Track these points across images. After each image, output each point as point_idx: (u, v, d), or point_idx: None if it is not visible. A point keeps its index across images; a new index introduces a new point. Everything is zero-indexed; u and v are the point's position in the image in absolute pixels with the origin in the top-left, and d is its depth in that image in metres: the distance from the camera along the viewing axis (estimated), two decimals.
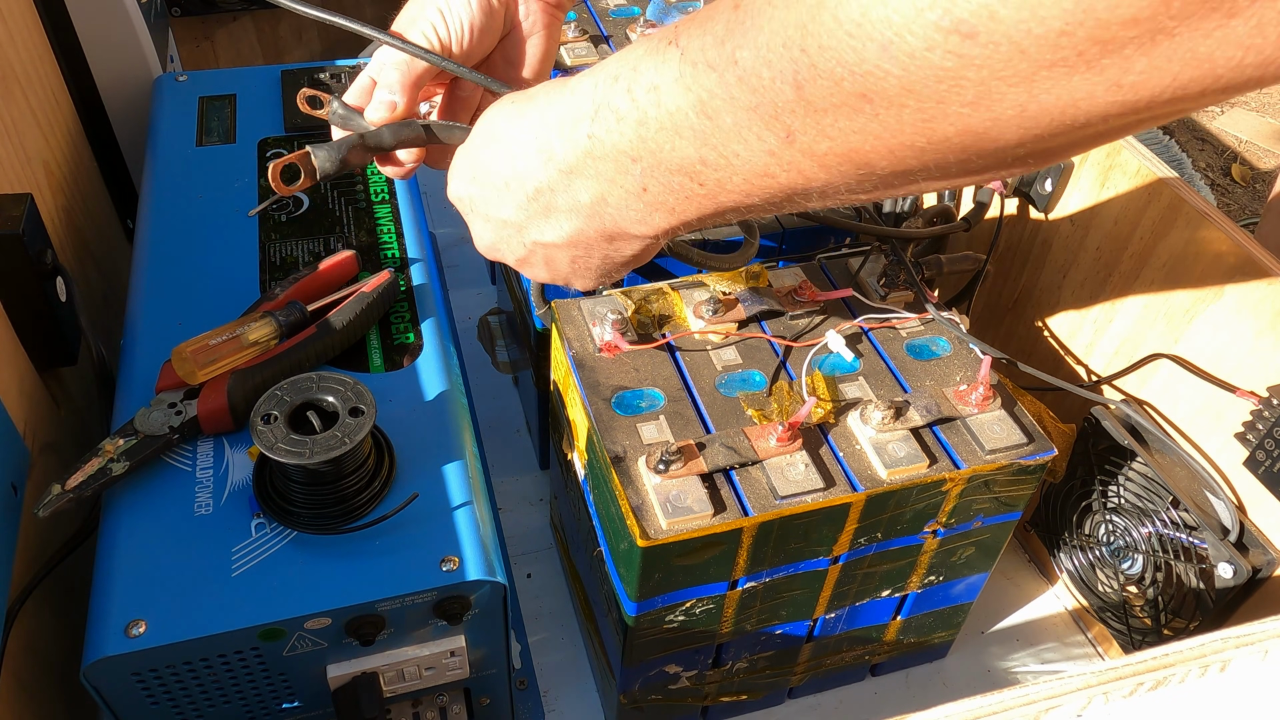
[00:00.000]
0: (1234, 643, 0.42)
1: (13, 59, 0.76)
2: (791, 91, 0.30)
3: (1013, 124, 0.27)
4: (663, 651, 0.66)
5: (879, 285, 0.73)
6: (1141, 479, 0.73)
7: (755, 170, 0.34)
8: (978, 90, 0.26)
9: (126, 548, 0.55)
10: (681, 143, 0.35)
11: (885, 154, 0.30)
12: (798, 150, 0.32)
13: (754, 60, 0.31)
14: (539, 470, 0.94)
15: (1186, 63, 0.24)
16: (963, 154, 0.29)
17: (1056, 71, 0.25)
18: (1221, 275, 0.68)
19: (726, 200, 0.37)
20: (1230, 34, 0.23)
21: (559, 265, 0.49)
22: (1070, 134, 0.28)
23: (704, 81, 0.33)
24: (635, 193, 0.39)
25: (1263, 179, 2.06)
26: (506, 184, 0.46)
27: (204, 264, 0.73)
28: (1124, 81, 0.25)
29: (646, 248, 0.46)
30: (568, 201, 0.43)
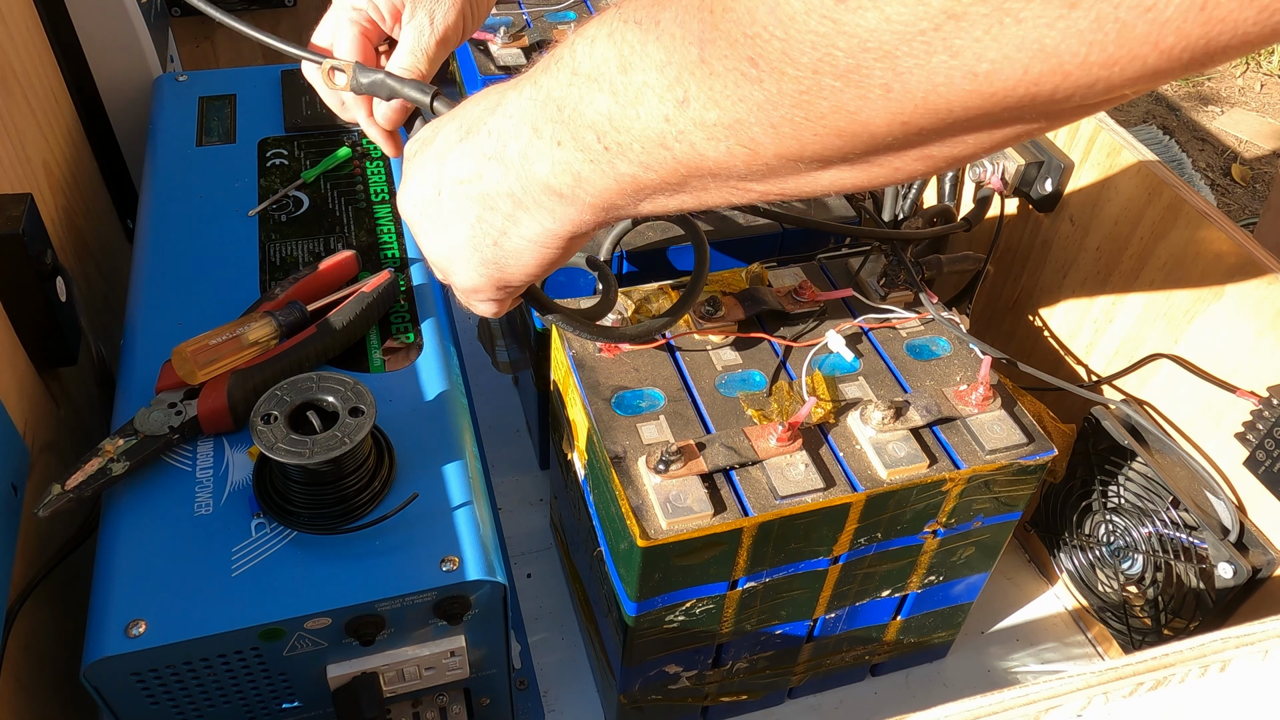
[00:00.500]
0: (1234, 643, 0.42)
1: (13, 59, 0.76)
2: (695, 51, 0.31)
3: (880, 106, 0.28)
4: (663, 651, 0.66)
5: (879, 285, 0.73)
6: (1141, 479, 0.73)
7: (652, 138, 0.35)
8: (847, 61, 0.27)
9: (126, 548, 0.55)
10: (600, 97, 0.36)
11: (767, 128, 0.31)
12: (690, 118, 0.33)
13: (671, 20, 0.32)
14: (539, 470, 0.94)
15: (1035, 54, 0.25)
16: (839, 139, 0.30)
17: (916, 47, 0.26)
18: (1221, 275, 0.68)
19: (626, 170, 0.37)
20: (1072, 26, 0.24)
21: (456, 222, 0.46)
22: (941, 129, 0.29)
23: (628, 36, 0.34)
24: (551, 144, 0.39)
25: (1263, 179, 2.06)
26: (454, 126, 0.46)
27: (204, 264, 0.73)
28: (978, 70, 0.26)
29: (546, 237, 0.43)
30: (494, 145, 0.42)
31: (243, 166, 0.81)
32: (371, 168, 0.82)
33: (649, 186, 0.37)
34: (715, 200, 0.37)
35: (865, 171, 0.32)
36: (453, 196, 0.45)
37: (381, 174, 0.82)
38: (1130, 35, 0.24)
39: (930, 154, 0.31)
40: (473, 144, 0.44)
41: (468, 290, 0.49)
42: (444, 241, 0.47)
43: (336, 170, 0.82)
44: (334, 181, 0.81)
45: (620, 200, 0.39)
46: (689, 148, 0.34)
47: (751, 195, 0.36)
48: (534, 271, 0.46)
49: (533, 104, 0.39)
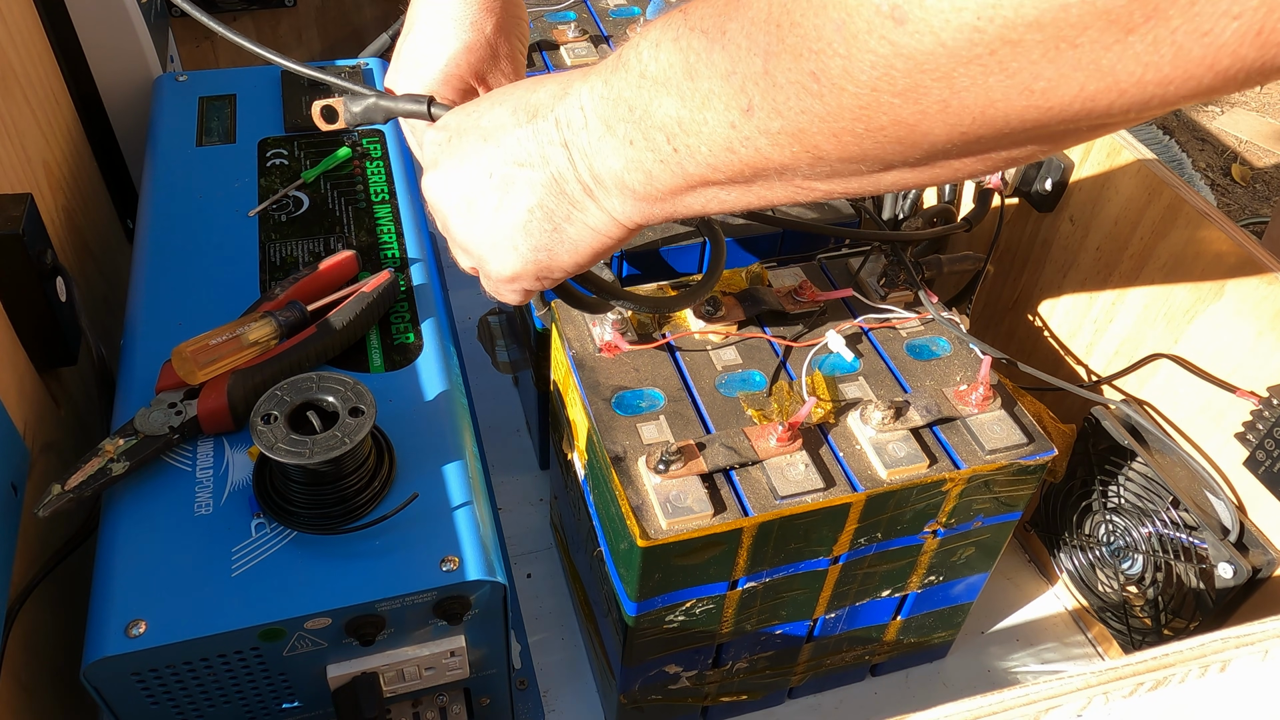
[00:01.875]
0: (1234, 643, 0.42)
1: (13, 59, 0.76)
2: (760, 63, 0.32)
3: (939, 119, 0.29)
4: (663, 651, 0.66)
5: (879, 285, 0.73)
6: (1141, 479, 0.73)
7: (718, 142, 0.36)
8: (905, 81, 0.28)
9: (126, 548, 0.55)
10: (669, 100, 0.37)
11: (829, 137, 0.32)
12: (754, 125, 0.34)
13: (738, 31, 0.33)
14: (539, 470, 0.94)
15: (1091, 74, 0.26)
16: (899, 146, 0.31)
17: (973, 69, 0.27)
18: (1221, 275, 0.68)
19: (694, 171, 0.38)
20: (1128, 49, 0.25)
21: (511, 205, 0.45)
22: (998, 138, 0.30)
23: (694, 44, 0.35)
24: (624, 143, 0.39)
25: (1263, 179, 2.06)
26: (506, 110, 0.45)
27: (204, 264, 0.73)
28: (1035, 87, 0.27)
29: (609, 225, 0.43)
30: (563, 134, 0.42)
31: (243, 166, 0.81)
32: (371, 168, 0.82)
33: (717, 184, 0.38)
34: (781, 197, 0.38)
35: (928, 172, 0.34)
36: (509, 180, 0.44)
37: (381, 174, 0.82)
38: (1187, 58, 0.24)
39: (990, 157, 0.32)
40: (536, 129, 0.43)
41: (504, 278, 0.48)
42: (489, 225, 0.46)
43: (336, 170, 0.82)
44: (334, 181, 0.81)
45: (689, 197, 0.40)
46: (754, 152, 0.35)
47: (816, 193, 0.37)
48: (583, 260, 0.46)
49: (605, 101, 0.40)
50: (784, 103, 0.32)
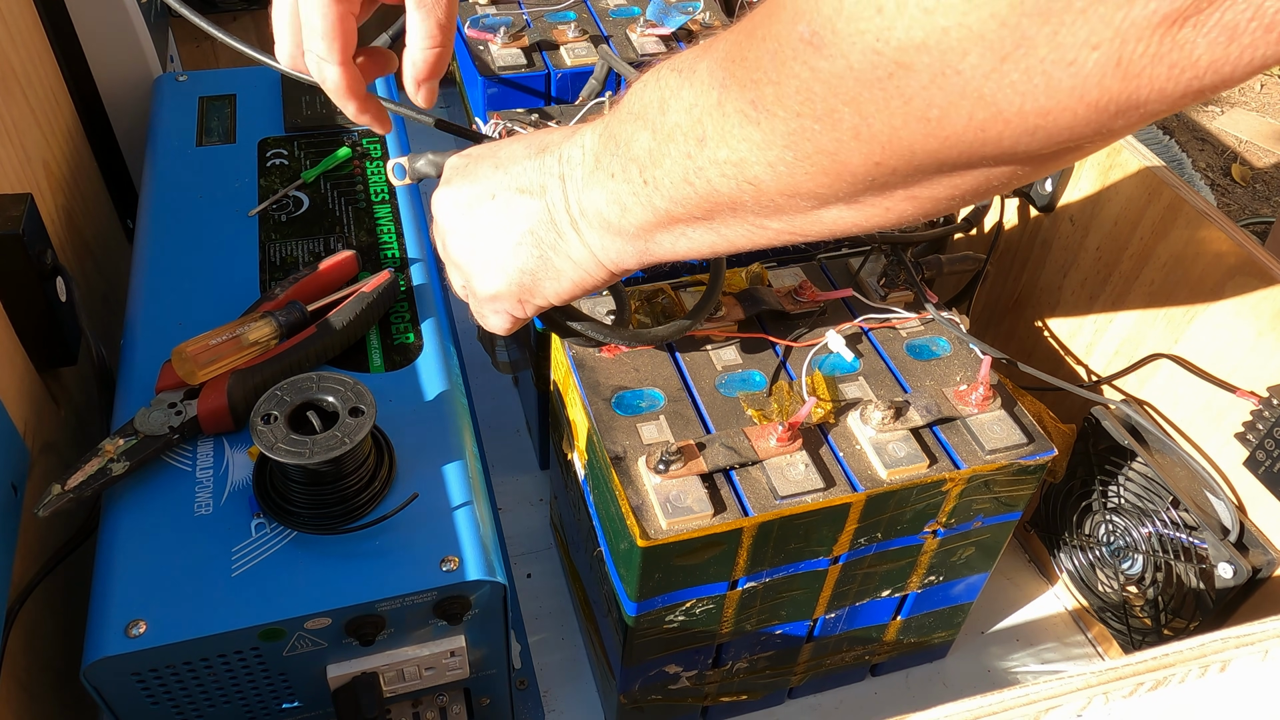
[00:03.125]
0: (1234, 643, 0.42)
1: (13, 59, 0.76)
2: (715, 96, 0.34)
3: (854, 148, 0.31)
4: (663, 651, 0.66)
5: (879, 285, 0.73)
6: (1141, 479, 0.73)
7: (678, 174, 0.38)
8: (823, 105, 0.30)
9: (126, 548, 0.55)
10: (644, 134, 0.39)
11: (766, 166, 0.34)
12: (707, 156, 0.36)
13: (704, 69, 0.35)
14: (539, 470, 0.94)
15: (976, 102, 0.27)
16: (826, 177, 0.33)
17: (876, 94, 0.29)
18: (1221, 275, 0.68)
19: (661, 205, 0.40)
20: (1005, 78, 0.26)
21: (506, 226, 0.47)
22: (912, 172, 0.31)
23: (670, 81, 0.37)
24: (608, 175, 0.42)
25: (1263, 179, 2.06)
26: (523, 145, 0.48)
27: (204, 264, 0.72)
28: (929, 115, 0.28)
29: (589, 262, 0.46)
30: (563, 168, 0.45)
31: (243, 166, 0.81)
32: (371, 168, 0.82)
33: (681, 220, 0.40)
34: (739, 237, 0.40)
35: (860, 211, 0.35)
36: (509, 204, 0.47)
37: (381, 174, 0.82)
38: (1057, 88, 0.26)
39: (916, 195, 0.34)
40: (543, 161, 0.46)
41: (488, 295, 0.50)
42: (483, 241, 0.49)
43: (336, 170, 0.82)
44: (334, 181, 0.81)
45: (661, 235, 0.42)
46: (706, 184, 0.37)
47: (769, 233, 0.39)
48: (564, 292, 0.48)
49: (600, 138, 0.43)
50: (729, 131, 0.34)
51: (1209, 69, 0.25)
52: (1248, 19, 0.23)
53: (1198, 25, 0.24)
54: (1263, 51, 0.24)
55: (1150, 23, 0.24)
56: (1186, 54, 0.24)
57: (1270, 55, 0.24)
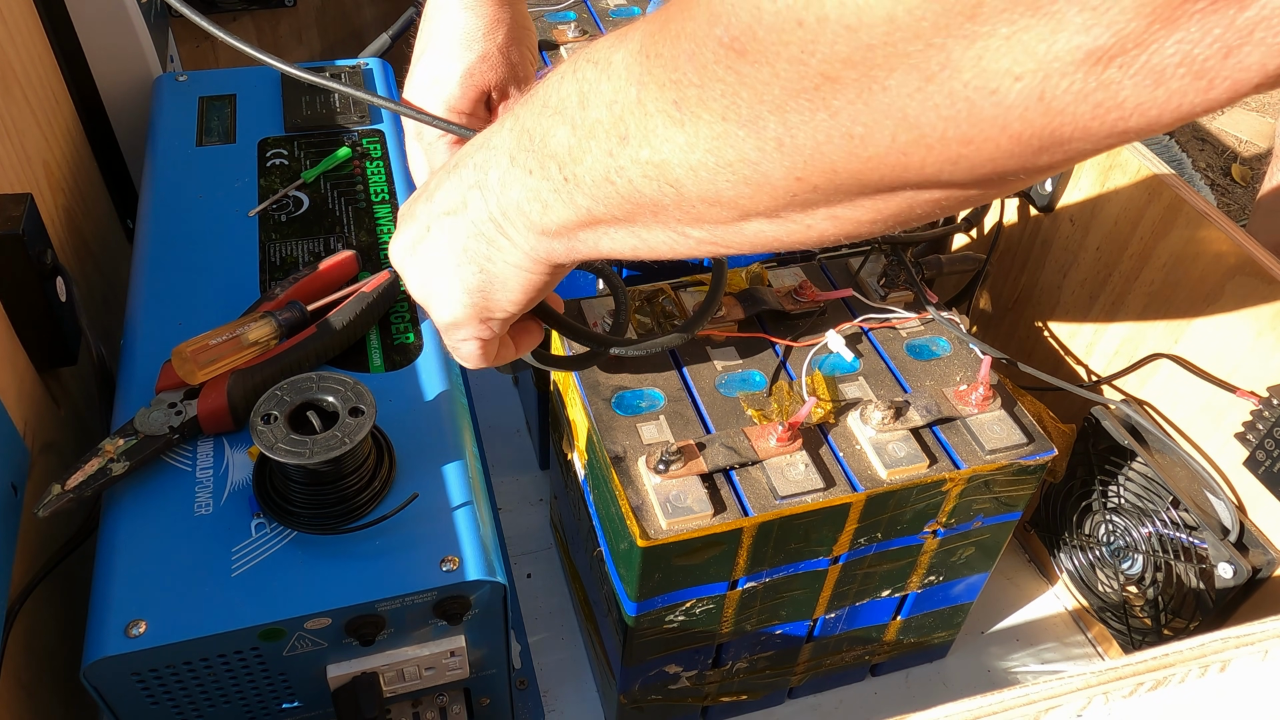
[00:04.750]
0: (1234, 643, 0.42)
1: (13, 59, 0.76)
2: (635, 93, 0.33)
3: (776, 159, 0.30)
4: (663, 651, 0.66)
5: (879, 285, 0.73)
6: (1141, 479, 0.73)
7: (599, 172, 0.37)
8: (748, 111, 0.30)
9: (126, 548, 0.55)
10: (563, 129, 0.38)
11: (688, 170, 0.33)
12: (629, 155, 0.35)
13: (620, 62, 0.34)
14: (539, 470, 0.94)
15: (900, 123, 0.27)
16: (747, 187, 0.32)
17: (802, 104, 0.28)
18: (1221, 275, 0.68)
19: (582, 203, 0.39)
20: (929, 99, 0.26)
21: (443, 252, 0.47)
22: (834, 191, 0.31)
23: (588, 74, 0.36)
24: (524, 172, 0.41)
25: (1262, 179, 2.06)
26: (444, 170, 0.47)
27: (204, 264, 0.72)
28: (854, 132, 0.28)
29: (527, 262, 0.45)
30: (477, 176, 0.44)
31: (243, 166, 0.81)
32: (371, 168, 0.82)
33: (603, 221, 0.39)
34: (661, 243, 0.39)
35: (782, 227, 0.34)
36: (440, 229, 0.46)
37: (381, 174, 0.82)
38: (980, 115, 0.25)
39: (838, 215, 0.33)
40: (458, 176, 0.45)
41: (449, 324, 0.50)
42: (429, 274, 0.48)
43: (336, 170, 0.82)
44: (334, 181, 0.81)
45: (582, 231, 0.41)
46: (628, 184, 0.36)
47: (691, 241, 0.38)
48: (519, 299, 0.47)
49: (511, 134, 0.41)
50: (652, 131, 0.33)
51: (1135, 111, 0.24)
52: (1175, 64, 0.23)
53: (1124, 66, 0.23)
54: (1190, 99, 0.24)
55: (1074, 58, 0.23)
56: (1112, 94, 0.24)
57: (1198, 104, 0.24)
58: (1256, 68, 0.22)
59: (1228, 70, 0.23)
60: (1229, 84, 0.23)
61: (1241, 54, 0.22)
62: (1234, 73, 0.23)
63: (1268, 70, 0.23)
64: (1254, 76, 0.23)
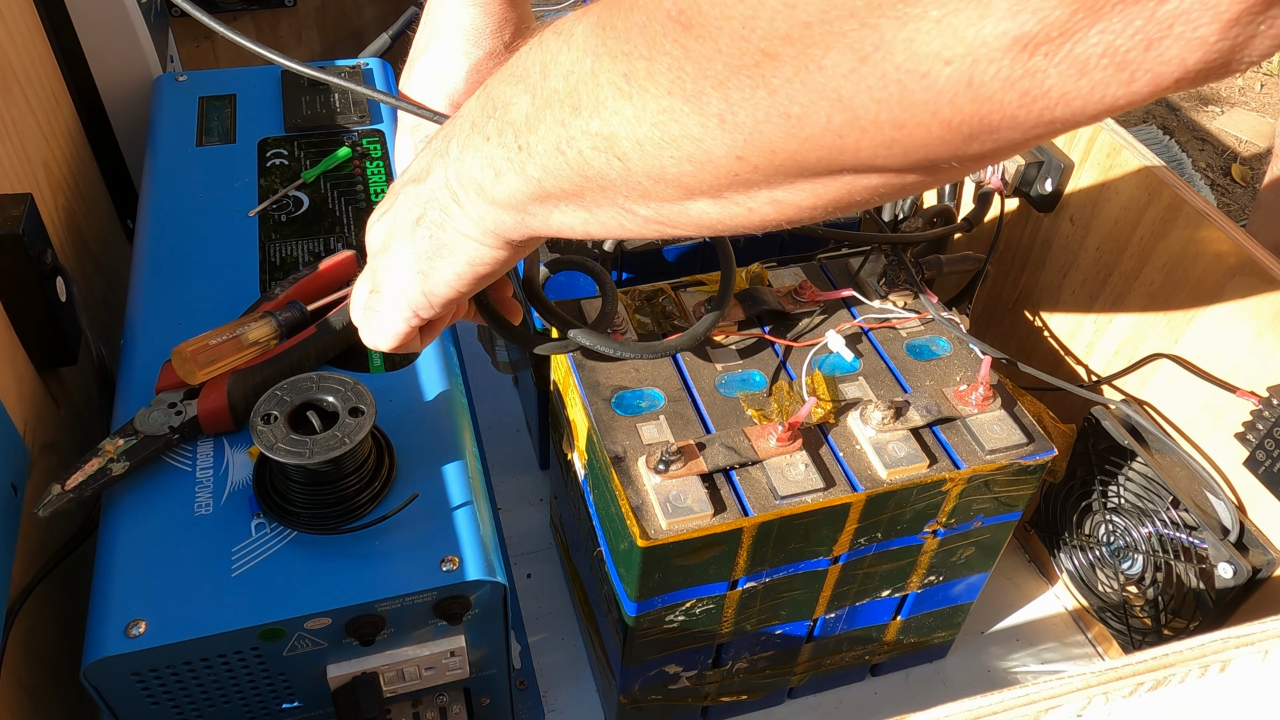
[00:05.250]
0: (1234, 643, 0.42)
1: (13, 59, 0.76)
2: (590, 63, 0.34)
3: (719, 136, 0.31)
4: (663, 651, 0.66)
5: (879, 285, 0.73)
6: (1141, 479, 0.73)
7: (550, 141, 0.37)
8: (692, 86, 0.30)
9: (126, 548, 0.55)
10: (524, 97, 0.38)
11: (634, 145, 0.33)
12: (580, 125, 0.35)
13: (580, 33, 0.35)
14: (539, 470, 0.94)
15: (835, 104, 0.27)
16: (690, 165, 0.33)
17: (743, 81, 0.28)
18: (1221, 275, 0.68)
19: (534, 175, 0.39)
20: (863, 81, 0.26)
21: (402, 218, 0.46)
22: (774, 171, 0.31)
23: (550, 44, 0.37)
24: (483, 139, 0.41)
25: (1262, 179, 2.06)
26: (429, 142, 0.47)
27: (204, 264, 0.73)
28: (791, 111, 0.28)
29: (477, 233, 0.44)
30: (442, 144, 0.44)
31: (243, 166, 0.81)
32: (371, 168, 0.82)
33: (551, 194, 0.39)
34: (610, 219, 0.39)
35: (725, 209, 0.35)
36: (404, 195, 0.47)
37: (381, 174, 0.82)
38: (911, 99, 0.26)
39: (778, 199, 0.33)
40: (431, 148, 0.46)
41: (389, 290, 0.48)
42: (387, 239, 0.48)
43: (336, 170, 0.82)
44: (334, 181, 0.81)
45: (530, 204, 0.40)
46: (578, 155, 0.36)
47: (638, 219, 0.38)
48: (465, 273, 0.46)
49: (477, 101, 0.42)
50: (602, 102, 0.33)
51: (1060, 101, 0.24)
52: (1098, 54, 0.23)
53: (1049, 55, 0.23)
54: (1113, 91, 0.24)
55: (1001, 44, 0.24)
56: (1038, 82, 0.24)
57: (1121, 96, 0.24)
58: (1176, 61, 0.23)
59: (1149, 63, 0.23)
60: (1150, 77, 0.23)
61: (1162, 47, 0.23)
62: (1155, 65, 0.23)
63: (1187, 65, 0.23)
64: (1174, 70, 0.23)
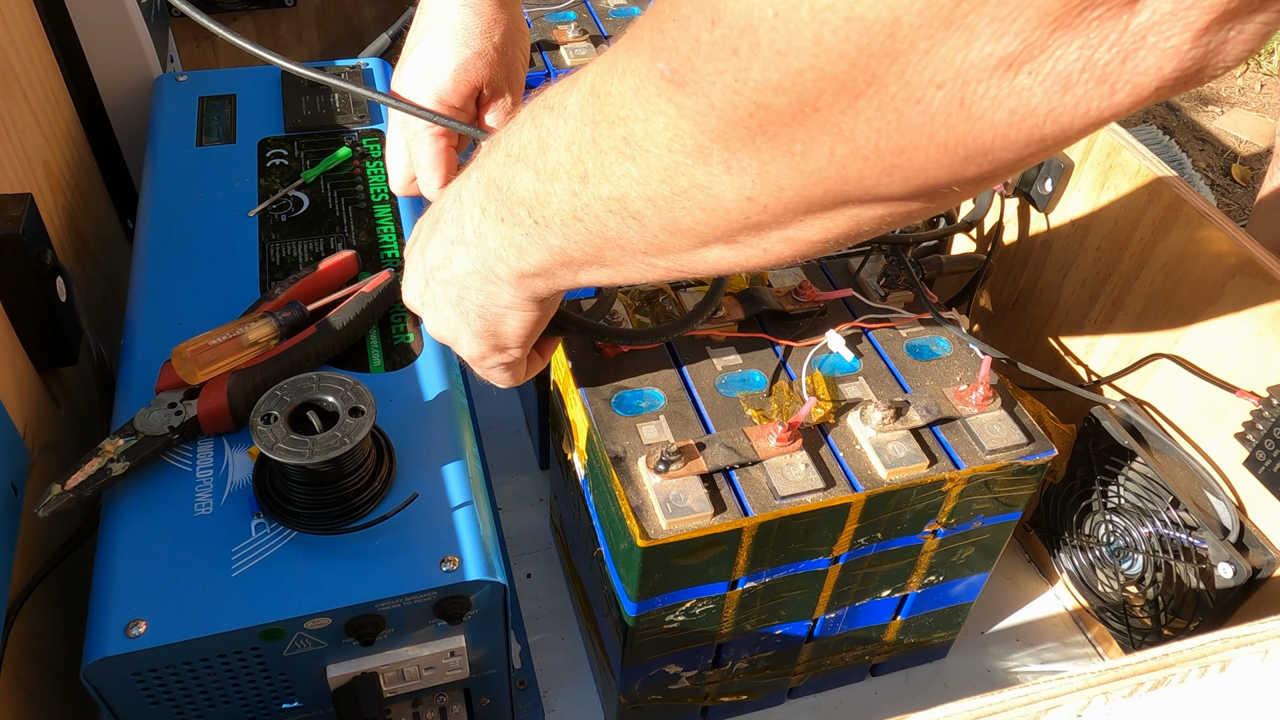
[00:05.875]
0: (1234, 643, 0.42)
1: (13, 59, 0.76)
2: (589, 132, 0.35)
3: (726, 183, 0.31)
4: (663, 651, 0.66)
5: (879, 285, 0.73)
6: (1141, 479, 0.73)
7: (565, 211, 0.38)
8: (692, 142, 0.31)
9: (126, 548, 0.55)
10: (527, 175, 0.39)
11: (646, 201, 0.34)
12: (591, 192, 0.36)
13: (574, 104, 0.36)
14: (539, 470, 0.94)
15: (836, 138, 0.28)
16: (702, 213, 0.33)
17: (740, 130, 0.29)
18: (1221, 275, 0.68)
19: (555, 244, 0.40)
20: (860, 115, 0.27)
21: (444, 305, 0.50)
22: (785, 211, 0.32)
23: (545, 120, 0.38)
24: (496, 221, 0.43)
25: (1261, 179, 2.06)
26: (428, 221, 0.50)
27: (204, 264, 0.73)
28: (793, 150, 0.29)
29: (518, 302, 0.47)
30: (455, 230, 0.46)
31: (243, 166, 0.81)
32: (371, 168, 0.82)
33: (576, 259, 0.40)
34: (633, 274, 0.40)
35: (740, 251, 0.36)
36: (436, 283, 0.49)
37: (381, 174, 0.82)
38: (908, 125, 0.26)
39: (790, 237, 0.34)
40: (440, 234, 0.48)
41: (474, 359, 0.53)
42: (442, 323, 0.51)
43: (336, 170, 0.82)
44: (334, 181, 0.81)
45: (559, 270, 0.42)
46: (595, 220, 0.37)
47: (659, 271, 0.39)
48: (524, 332, 0.49)
49: (479, 186, 0.43)
50: (609, 167, 0.34)
51: (1048, 118, 0.25)
52: (1079, 69, 0.24)
53: (1033, 72, 0.24)
54: (1097, 104, 0.25)
55: (988, 65, 0.24)
56: (1025, 101, 0.25)
57: (1105, 108, 0.25)
58: (1153, 71, 0.24)
59: (1127, 75, 0.24)
60: (1130, 88, 0.24)
61: (1138, 58, 0.23)
62: (1133, 77, 0.24)
63: (1164, 74, 0.24)
64: (1152, 80, 0.24)
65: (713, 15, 0.27)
